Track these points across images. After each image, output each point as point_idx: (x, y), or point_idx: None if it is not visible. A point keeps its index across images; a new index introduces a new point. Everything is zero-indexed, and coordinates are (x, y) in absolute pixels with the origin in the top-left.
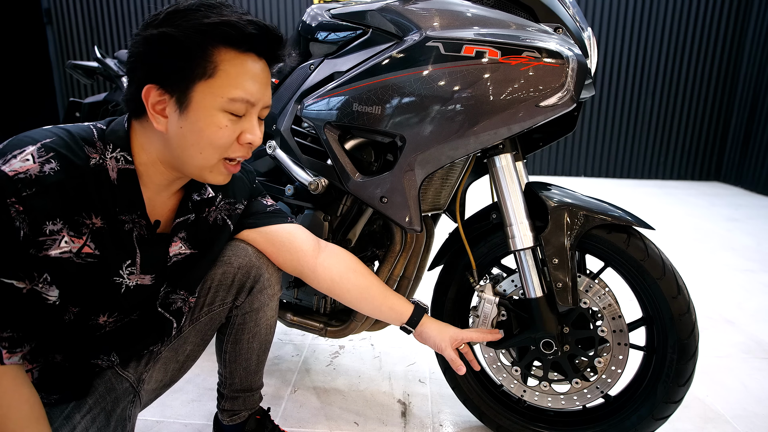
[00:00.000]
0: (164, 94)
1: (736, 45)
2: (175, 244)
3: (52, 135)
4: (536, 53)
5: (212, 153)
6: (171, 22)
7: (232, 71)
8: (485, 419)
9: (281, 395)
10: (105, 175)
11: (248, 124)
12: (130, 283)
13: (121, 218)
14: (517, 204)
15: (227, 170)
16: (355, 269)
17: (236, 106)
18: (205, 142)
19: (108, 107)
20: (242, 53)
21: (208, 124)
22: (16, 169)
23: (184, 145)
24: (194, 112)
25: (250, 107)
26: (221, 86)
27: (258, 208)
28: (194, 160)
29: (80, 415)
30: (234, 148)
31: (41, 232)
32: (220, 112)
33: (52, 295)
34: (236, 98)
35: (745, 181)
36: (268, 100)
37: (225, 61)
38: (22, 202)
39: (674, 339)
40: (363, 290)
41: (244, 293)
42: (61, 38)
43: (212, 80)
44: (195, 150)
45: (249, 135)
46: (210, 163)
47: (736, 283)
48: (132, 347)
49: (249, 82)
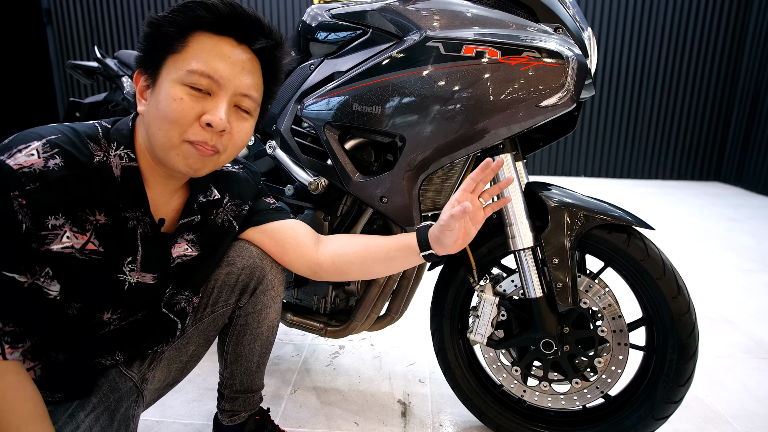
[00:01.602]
0: (147, 78)
1: (736, 45)
2: (180, 245)
3: (57, 132)
4: (536, 53)
5: (169, 129)
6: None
7: (199, 47)
8: (485, 419)
9: (281, 395)
10: (109, 173)
11: (211, 104)
12: (132, 280)
13: (124, 215)
14: (517, 204)
15: (197, 152)
16: (347, 241)
17: (194, 78)
18: (162, 117)
19: (108, 107)
20: (217, 35)
21: (165, 96)
22: (21, 163)
23: (149, 122)
24: (158, 86)
25: (215, 87)
26: (184, 60)
27: (262, 207)
28: (156, 138)
29: (84, 414)
30: (194, 129)
31: (43, 227)
32: (178, 84)
33: (53, 289)
34: (194, 70)
35: (745, 181)
36: (245, 87)
37: (196, 40)
38: (25, 195)
39: (674, 339)
40: (363, 250)
41: (248, 294)
42: (61, 38)
43: (179, 55)
44: (155, 127)
45: (208, 115)
46: (171, 143)
47: (736, 283)
48: (136, 346)
49: (215, 59)
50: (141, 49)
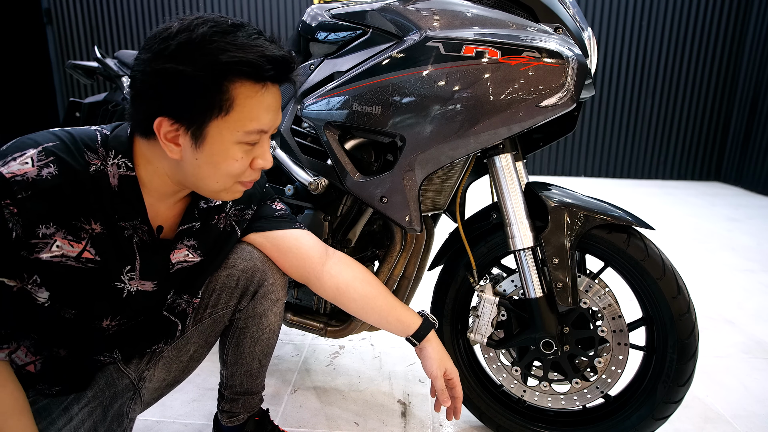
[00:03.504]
0: (177, 126)
1: (736, 45)
2: (180, 251)
3: (55, 139)
4: (536, 53)
5: (228, 180)
6: (185, 56)
7: (248, 105)
8: (485, 419)
9: (281, 395)
10: (105, 181)
11: (260, 150)
12: (131, 289)
13: (120, 224)
14: (517, 204)
15: (243, 187)
16: (361, 278)
17: (252, 138)
18: (222, 174)
19: (108, 107)
20: (256, 83)
21: (225, 158)
22: (14, 171)
23: (200, 175)
24: (210, 146)
25: (263, 135)
26: (237, 120)
27: (266, 213)
28: (209, 186)
29: (78, 407)
30: (247, 173)
31: (34, 235)
32: (236, 145)
33: (41, 296)
34: (251, 131)
35: (745, 181)
36: (279, 121)
37: (241, 95)
38: (16, 204)
39: (674, 339)
40: (368, 300)
41: (248, 297)
42: (61, 38)
43: (228, 116)
44: (211, 180)
45: (261, 161)
46: (225, 187)
47: (736, 283)
48: (135, 346)
49: (264, 113)
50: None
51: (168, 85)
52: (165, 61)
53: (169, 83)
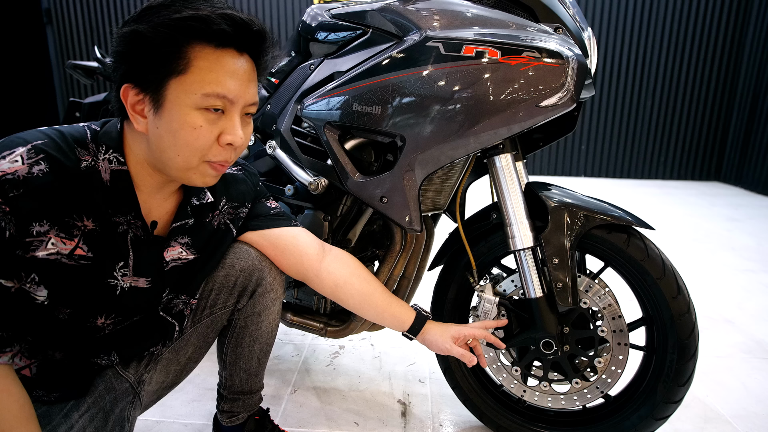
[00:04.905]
0: (141, 93)
1: (736, 45)
2: (173, 248)
3: (44, 137)
4: (536, 53)
5: (190, 155)
6: (143, 18)
7: (206, 66)
8: (485, 419)
9: (281, 395)
10: (97, 177)
11: (228, 124)
12: (125, 285)
13: (114, 220)
14: (517, 204)
15: (214, 171)
16: (359, 275)
17: (211, 101)
18: (182, 144)
19: (108, 107)
20: (219, 48)
21: (182, 124)
22: (4, 169)
23: (162, 147)
24: (168, 111)
25: (229, 105)
26: (194, 82)
27: (262, 211)
28: (173, 162)
29: (78, 414)
30: (214, 151)
31: (28, 233)
32: (195, 110)
33: (40, 295)
34: (210, 93)
35: (745, 181)
36: (252, 97)
37: (199, 57)
38: (8, 202)
39: (674, 339)
40: (366, 296)
41: (246, 296)
42: (61, 38)
43: (185, 76)
44: (173, 152)
45: (228, 135)
46: (191, 165)
47: (736, 283)
48: (132, 348)
49: (225, 77)
50: (128, 61)
51: (127, 46)
52: (126, 26)
53: (127, 45)
